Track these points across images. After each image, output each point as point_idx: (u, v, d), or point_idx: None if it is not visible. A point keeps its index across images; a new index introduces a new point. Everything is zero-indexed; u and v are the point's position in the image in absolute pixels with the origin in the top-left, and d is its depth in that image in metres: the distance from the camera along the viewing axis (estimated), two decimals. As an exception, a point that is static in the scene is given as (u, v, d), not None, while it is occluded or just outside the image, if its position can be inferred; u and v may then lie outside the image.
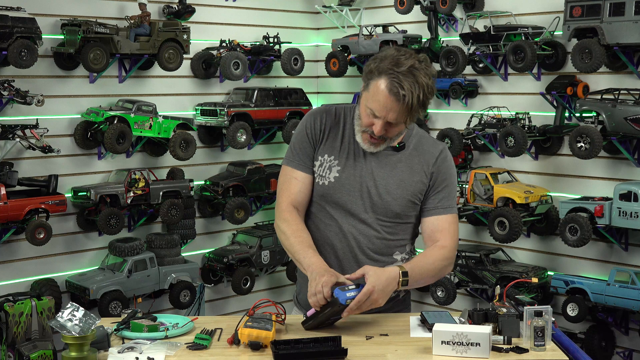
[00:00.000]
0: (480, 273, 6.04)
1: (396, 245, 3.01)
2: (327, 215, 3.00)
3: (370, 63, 2.82)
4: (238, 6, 6.88)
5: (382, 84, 2.75)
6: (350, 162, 2.97)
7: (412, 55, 2.78)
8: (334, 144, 3.00)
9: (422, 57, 2.80)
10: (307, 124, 3.04)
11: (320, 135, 3.01)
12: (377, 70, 2.77)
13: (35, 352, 5.05)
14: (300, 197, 3.02)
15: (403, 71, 2.72)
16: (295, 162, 3.03)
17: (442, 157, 3.00)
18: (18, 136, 5.47)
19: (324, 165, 2.99)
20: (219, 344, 2.63)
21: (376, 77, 2.78)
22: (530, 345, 2.55)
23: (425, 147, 3.01)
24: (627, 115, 5.24)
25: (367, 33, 6.78)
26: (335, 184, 2.96)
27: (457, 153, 6.12)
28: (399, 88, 2.72)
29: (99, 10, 5.96)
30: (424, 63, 2.77)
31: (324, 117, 3.03)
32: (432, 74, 2.79)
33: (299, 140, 3.04)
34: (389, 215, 2.96)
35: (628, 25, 5.14)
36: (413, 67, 2.73)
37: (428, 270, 2.91)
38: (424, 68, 2.76)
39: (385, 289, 2.73)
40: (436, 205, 2.99)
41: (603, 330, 5.65)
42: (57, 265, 5.96)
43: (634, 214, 5.21)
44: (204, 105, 6.60)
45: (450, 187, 3.02)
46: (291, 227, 2.98)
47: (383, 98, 2.75)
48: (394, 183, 2.95)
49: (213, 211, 6.85)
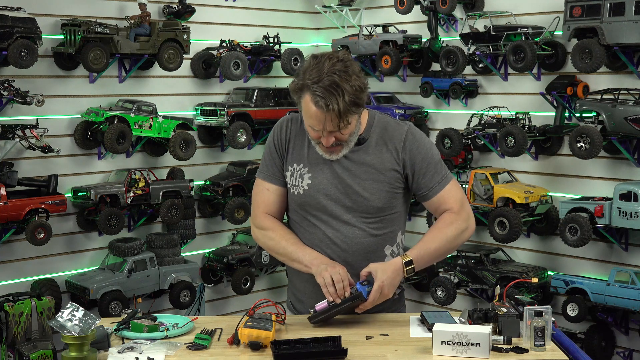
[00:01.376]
0: (480, 273, 6.05)
1: (385, 239, 2.99)
2: (310, 224, 2.99)
3: (294, 81, 2.83)
4: (238, 6, 6.88)
5: (308, 99, 2.76)
6: (319, 167, 2.95)
7: (329, 58, 2.75)
8: (302, 151, 2.99)
9: (340, 55, 2.78)
10: (274, 134, 3.05)
11: (286, 144, 3.01)
12: (300, 87, 2.78)
13: (35, 352, 5.05)
14: (274, 208, 3.05)
15: (323, 81, 2.71)
16: (265, 174, 3.05)
17: (409, 139, 2.94)
18: (18, 136, 5.47)
19: (295, 175, 2.99)
20: (219, 344, 2.63)
21: (302, 95, 2.79)
22: (530, 345, 2.55)
23: (390, 132, 2.96)
24: (627, 115, 5.24)
25: (367, 33, 6.78)
26: (309, 191, 2.95)
27: (457, 153, 6.12)
28: (322, 100, 2.71)
29: (99, 10, 5.96)
30: (342, 63, 2.75)
31: (289, 125, 3.04)
32: (355, 71, 2.75)
33: (268, 152, 3.05)
34: (371, 211, 2.94)
35: (628, 25, 5.14)
36: (332, 73, 2.71)
37: (438, 244, 2.92)
38: (343, 69, 2.73)
39: (393, 282, 2.83)
40: (429, 187, 2.95)
41: (603, 330, 5.65)
42: (57, 265, 5.96)
43: (634, 214, 5.22)
44: (204, 105, 6.60)
45: (431, 161, 2.95)
46: (277, 232, 3.01)
47: (313, 113, 2.76)
48: (367, 178, 2.92)
49: (213, 211, 6.85)
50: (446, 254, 3.01)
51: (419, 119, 6.61)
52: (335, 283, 2.77)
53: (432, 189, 2.95)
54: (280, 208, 3.06)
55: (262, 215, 3.04)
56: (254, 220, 3.08)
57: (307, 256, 2.90)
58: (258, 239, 3.09)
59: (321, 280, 2.80)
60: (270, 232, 3.01)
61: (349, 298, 2.77)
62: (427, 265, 2.95)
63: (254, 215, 3.09)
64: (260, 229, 3.05)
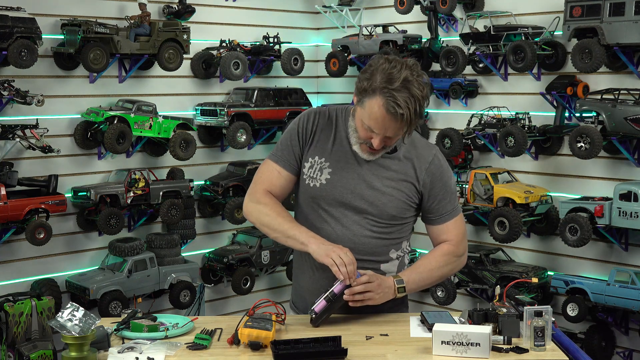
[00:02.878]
0: (480, 273, 6.05)
1: (392, 243, 3.01)
2: (320, 218, 2.97)
3: (363, 80, 2.79)
4: (238, 6, 6.88)
5: (378, 102, 2.72)
6: (341, 164, 2.95)
7: (403, 65, 2.73)
8: (325, 145, 2.98)
9: (412, 63, 2.76)
10: (299, 122, 3.02)
11: (311, 136, 3.00)
12: (371, 88, 2.74)
13: (35, 352, 5.05)
14: (279, 191, 3.01)
15: (397, 87, 2.69)
16: (279, 158, 3.01)
17: (434, 163, 2.97)
18: (18, 136, 5.47)
19: (315, 167, 2.97)
20: (219, 344, 2.63)
21: (370, 95, 2.75)
22: (530, 345, 2.55)
23: (418, 150, 2.98)
24: (627, 115, 5.24)
25: (367, 33, 6.78)
26: (327, 185, 2.95)
27: (457, 153, 6.13)
28: (396, 107, 2.69)
29: (99, 10, 5.96)
30: (416, 71, 2.74)
31: (317, 118, 3.02)
32: (425, 81, 2.76)
33: (289, 138, 3.02)
34: (384, 217, 2.95)
35: (628, 25, 5.14)
36: (406, 81, 2.69)
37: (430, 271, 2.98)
38: (417, 78, 2.72)
39: (385, 295, 2.85)
40: (441, 213, 3.00)
41: (603, 330, 5.65)
42: (57, 265, 5.96)
43: (634, 214, 5.21)
44: (204, 105, 6.60)
45: (449, 190, 3.00)
46: (274, 208, 2.95)
47: (380, 117, 2.73)
48: (388, 186, 2.94)
49: (213, 211, 6.85)
50: (435, 284, 3.11)
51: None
52: (347, 265, 2.74)
53: (442, 216, 3.00)
54: (283, 194, 3.03)
55: (263, 191, 2.99)
56: (252, 195, 3.00)
57: (303, 234, 2.87)
58: (251, 213, 2.99)
59: (330, 261, 2.74)
60: (266, 208, 2.95)
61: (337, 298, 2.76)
62: (418, 289, 3.04)
63: (253, 190, 3.01)
64: (257, 203, 2.98)
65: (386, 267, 3.00)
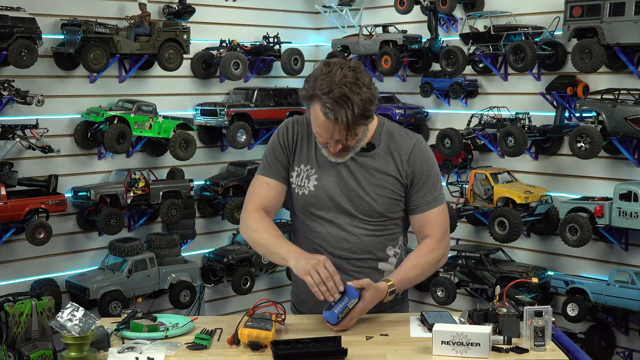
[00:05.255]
0: (480, 273, 6.05)
1: (388, 239, 3.02)
2: (315, 223, 2.99)
3: (304, 87, 2.81)
4: (238, 6, 6.88)
5: (317, 109, 2.76)
6: (326, 169, 2.97)
7: (341, 67, 2.74)
8: (309, 153, 3.00)
9: (353, 65, 2.76)
10: (279, 134, 3.04)
11: (293, 145, 3.02)
12: (310, 96, 2.77)
13: (35, 352, 5.04)
14: (270, 202, 3.03)
15: (333, 93, 2.70)
16: (266, 171, 3.03)
17: (414, 152, 2.96)
18: (18, 136, 5.47)
19: (302, 175, 3.00)
20: (219, 344, 2.63)
21: (312, 102, 2.78)
22: (530, 345, 2.55)
23: (398, 142, 2.98)
24: (627, 115, 5.24)
25: (367, 33, 6.78)
26: (315, 192, 2.97)
27: (457, 153, 6.12)
28: (331, 112, 2.71)
29: (99, 10, 5.96)
30: (354, 73, 2.73)
31: (296, 127, 3.04)
32: (365, 82, 2.75)
33: (272, 151, 3.04)
34: (374, 215, 2.96)
35: (628, 25, 5.14)
36: (343, 85, 2.70)
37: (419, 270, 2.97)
38: (354, 81, 2.72)
39: (373, 303, 2.83)
40: (419, 203, 2.98)
41: (603, 330, 5.65)
42: (57, 265, 5.96)
43: (634, 214, 5.21)
44: (204, 105, 6.60)
45: (431, 179, 2.98)
46: (262, 224, 2.98)
47: (322, 123, 2.77)
48: (372, 183, 2.95)
49: (213, 211, 6.85)
50: (422, 280, 3.07)
51: (418, 119, 6.61)
52: (324, 281, 2.72)
53: (420, 205, 2.98)
54: (275, 203, 3.04)
55: (254, 207, 3.01)
56: (243, 213, 3.05)
57: (284, 248, 2.89)
58: (243, 231, 3.05)
59: (310, 280, 2.73)
60: (257, 224, 2.98)
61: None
62: (408, 287, 3.05)
63: (244, 208, 3.06)
64: (246, 221, 3.01)
65: (384, 266, 3.01)
